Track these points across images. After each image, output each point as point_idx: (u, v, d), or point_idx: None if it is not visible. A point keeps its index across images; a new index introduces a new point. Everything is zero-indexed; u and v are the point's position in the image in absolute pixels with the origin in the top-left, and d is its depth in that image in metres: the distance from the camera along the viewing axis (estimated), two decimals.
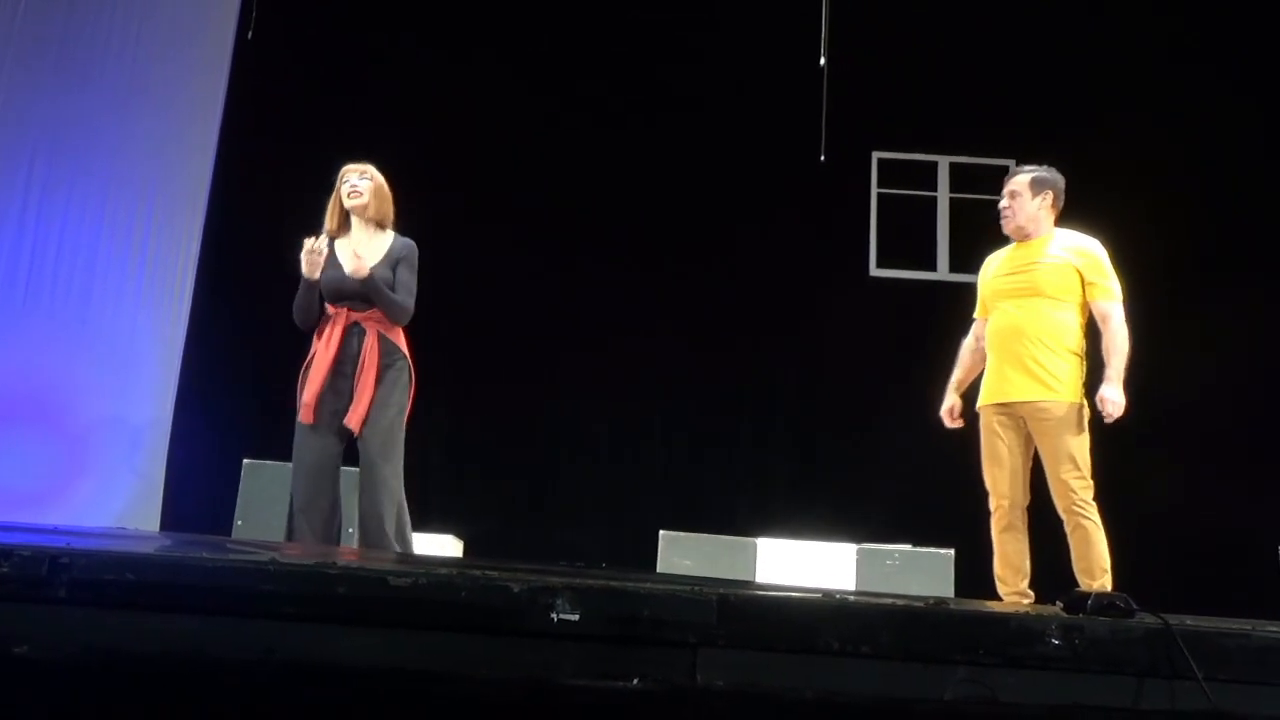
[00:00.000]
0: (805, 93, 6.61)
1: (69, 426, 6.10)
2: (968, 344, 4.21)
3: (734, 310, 7.15)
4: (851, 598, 1.81)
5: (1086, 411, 3.77)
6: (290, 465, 3.84)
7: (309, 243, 3.83)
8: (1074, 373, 3.78)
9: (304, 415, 3.80)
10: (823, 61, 6.07)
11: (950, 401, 4.15)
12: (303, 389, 3.84)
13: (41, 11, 6.21)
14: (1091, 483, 3.72)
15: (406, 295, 3.93)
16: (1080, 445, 3.73)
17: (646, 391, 7.02)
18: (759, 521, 6.50)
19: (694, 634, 1.66)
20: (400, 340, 3.93)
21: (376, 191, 4.01)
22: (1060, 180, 4.06)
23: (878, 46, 7.14)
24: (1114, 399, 3.71)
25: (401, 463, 3.85)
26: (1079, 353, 3.83)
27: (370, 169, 4.06)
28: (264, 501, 4.63)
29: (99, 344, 6.27)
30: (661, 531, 5.83)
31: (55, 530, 2.19)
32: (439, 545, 5.88)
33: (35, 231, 6.13)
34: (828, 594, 1.86)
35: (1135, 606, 1.85)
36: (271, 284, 6.56)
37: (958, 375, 4.18)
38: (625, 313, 7.03)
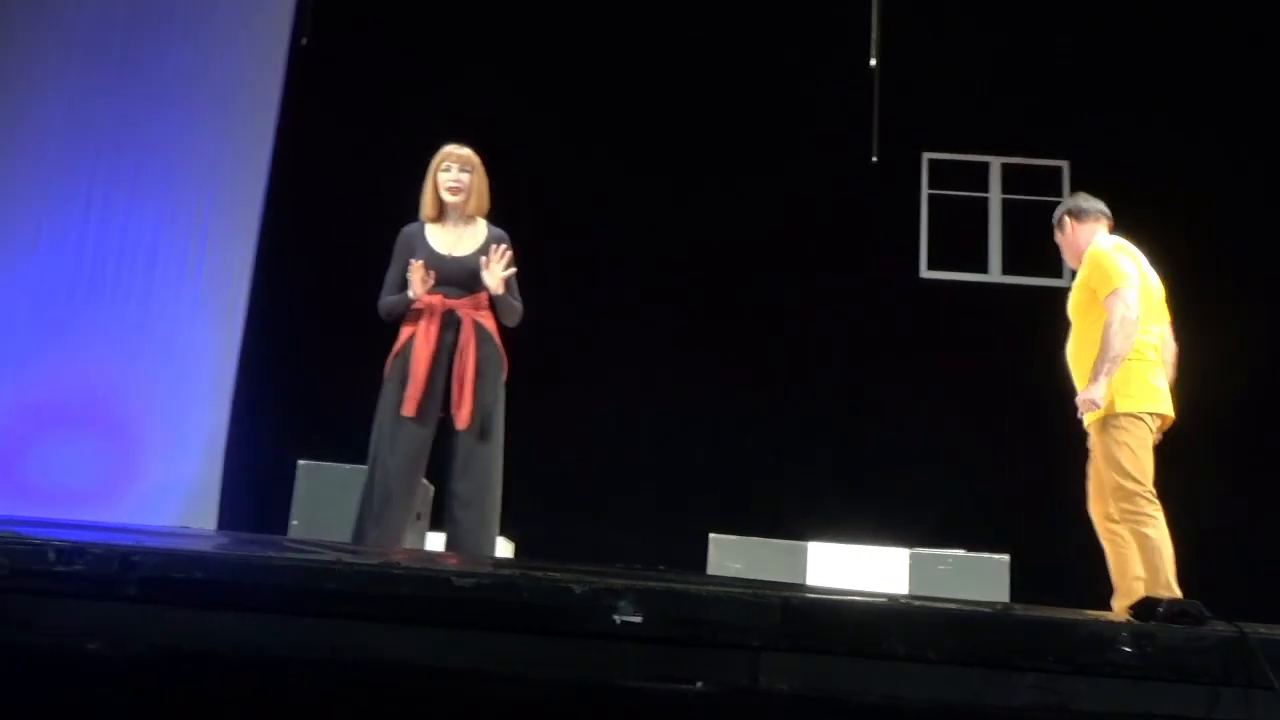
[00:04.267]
0: (856, 94, 6.57)
1: (128, 427, 6.20)
2: None
3: (784, 313, 7.11)
4: (915, 602, 1.78)
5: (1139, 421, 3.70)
6: (350, 466, 3.83)
7: (418, 266, 3.73)
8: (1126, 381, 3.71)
9: (407, 408, 3.71)
10: (873, 62, 6.04)
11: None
12: (397, 381, 3.76)
13: (102, 17, 6.32)
14: (1146, 483, 3.66)
15: (519, 296, 3.92)
16: (1135, 451, 3.68)
17: (696, 394, 7.00)
18: (809, 525, 6.45)
19: (756, 637, 1.65)
20: (491, 325, 3.88)
21: (478, 186, 3.93)
22: (1072, 201, 4.11)
23: (928, 46, 7.08)
24: (1082, 399, 3.72)
25: (502, 448, 3.84)
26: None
27: (472, 159, 3.94)
28: (319, 502, 4.67)
29: (157, 344, 6.36)
30: (711, 535, 5.81)
31: (124, 529, 2.22)
32: None
33: (97, 232, 6.25)
34: (891, 598, 1.84)
35: (1208, 614, 1.81)
36: (324, 286, 6.68)
37: None
38: (675, 315, 7.02)
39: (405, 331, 3.84)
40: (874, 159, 6.48)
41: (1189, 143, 6.77)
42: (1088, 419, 3.80)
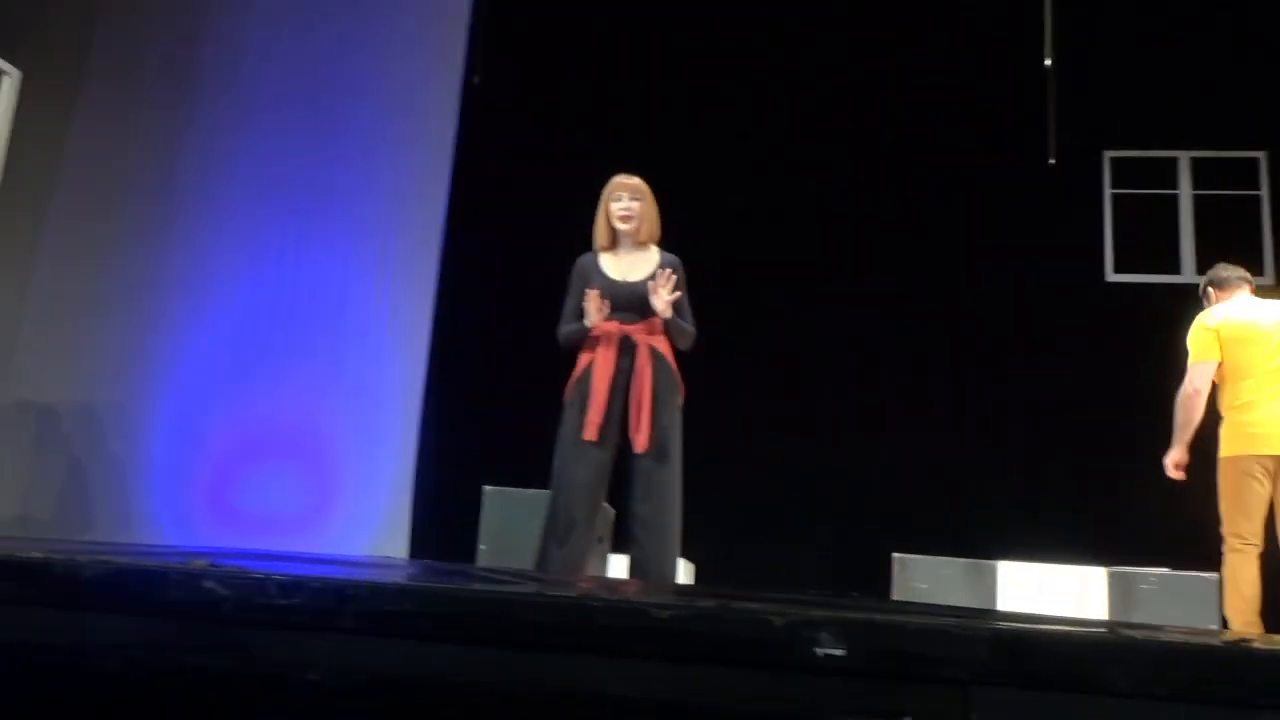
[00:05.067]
0: (1030, 93, 6.35)
1: (324, 457, 6.50)
2: None
3: (963, 322, 6.92)
4: (1139, 633, 1.67)
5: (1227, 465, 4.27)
6: (535, 491, 3.91)
7: (593, 295, 3.83)
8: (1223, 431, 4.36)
9: (589, 433, 3.79)
10: (1048, 60, 5.81)
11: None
12: (577, 406, 3.84)
13: (284, 83, 6.69)
14: (1229, 526, 4.23)
15: (691, 320, 3.96)
16: (1221, 495, 4.29)
17: (873, 408, 6.87)
18: (997, 542, 6.23)
19: (966, 671, 1.57)
20: (666, 349, 3.94)
21: (648, 214, 4.02)
22: (1213, 272, 4.70)
23: (1104, 39, 6.78)
24: (1165, 461, 4.45)
25: (681, 470, 3.87)
26: (1222, 411, 4.41)
27: (641, 187, 4.04)
28: (505, 528, 4.78)
29: (349, 377, 6.65)
30: (895, 554, 5.67)
31: (335, 561, 2.32)
32: None
33: (294, 270, 6.60)
34: (1111, 626, 1.73)
35: None
36: (504, 316, 6.88)
37: None
38: (850, 327, 6.93)
39: (583, 359, 3.91)
40: (1052, 161, 6.22)
41: None
42: None
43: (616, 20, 7.47)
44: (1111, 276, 7.09)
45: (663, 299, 3.82)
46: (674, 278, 3.86)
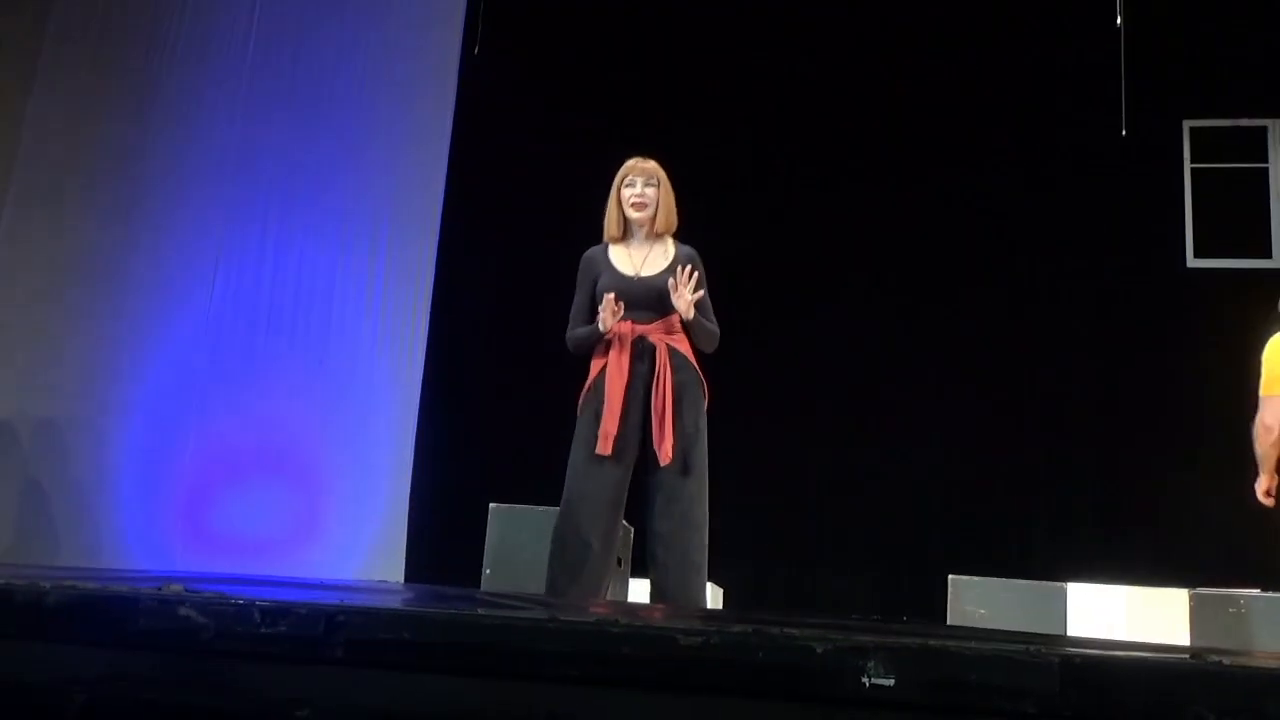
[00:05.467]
0: (1100, 58, 6.32)
1: (311, 472, 6.53)
2: None
3: (1025, 318, 6.90)
4: (1226, 660, 1.66)
5: None
6: (545, 509, 3.91)
7: (609, 300, 3.80)
8: None
9: (603, 446, 3.77)
10: (1119, 20, 5.79)
11: None
12: (590, 417, 3.84)
13: (266, 62, 6.73)
14: None
15: (713, 318, 3.97)
16: None
17: (925, 411, 6.85)
18: (1065, 562, 6.21)
19: (1033, 703, 1.57)
20: (687, 348, 3.93)
21: (664, 201, 4.00)
22: None
23: None
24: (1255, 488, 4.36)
25: (707, 482, 3.87)
26: None
27: (658, 172, 4.02)
28: (512, 548, 4.78)
29: (338, 387, 6.68)
30: (951, 576, 5.65)
31: (324, 585, 2.33)
32: None
33: (275, 268, 6.63)
34: (1195, 653, 1.72)
35: None
36: (507, 316, 6.89)
37: None
38: (898, 323, 6.92)
39: (596, 364, 3.91)
40: (1124, 132, 6.19)
41: None
42: None
43: None
44: (1192, 262, 7.05)
45: (685, 298, 3.81)
46: (697, 274, 3.86)
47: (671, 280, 3.83)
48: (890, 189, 7.12)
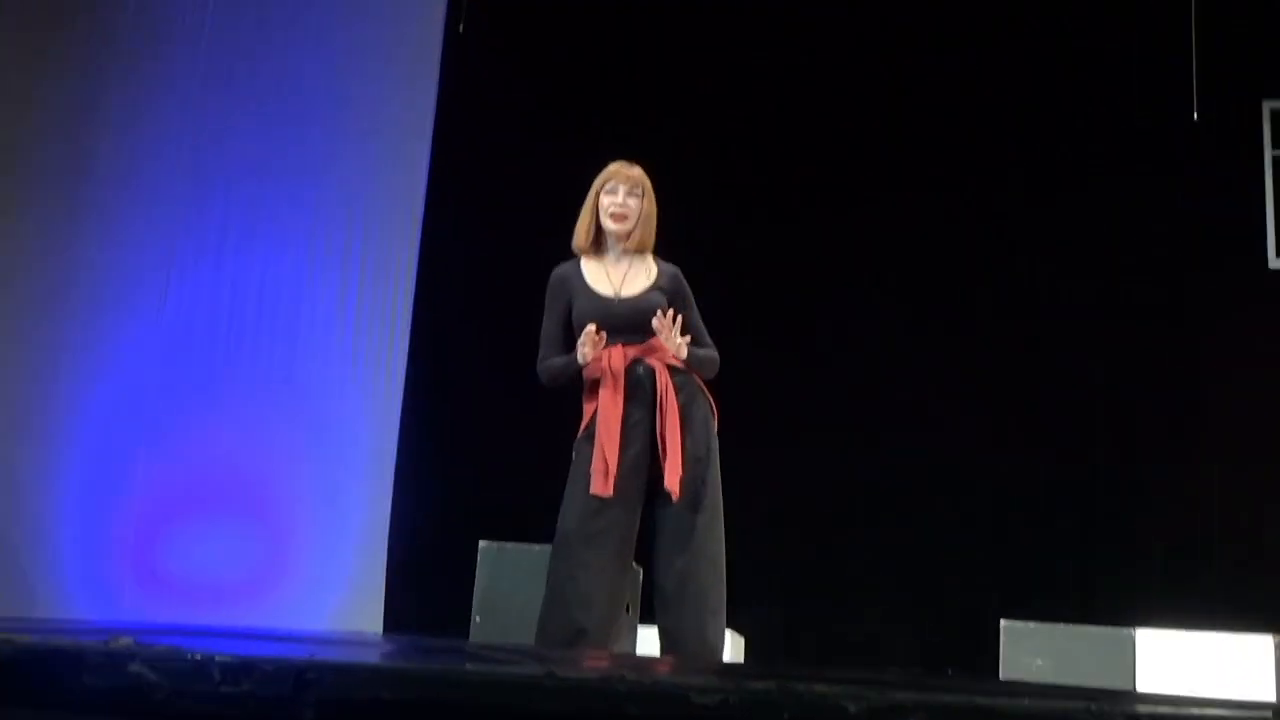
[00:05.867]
0: (1168, 34, 6.33)
1: (277, 505, 6.54)
2: None
3: (1085, 327, 6.89)
4: None
5: None
6: (542, 547, 3.90)
7: (589, 331, 3.81)
8: None
9: (602, 486, 3.76)
10: None
11: None
12: (586, 459, 3.84)
13: (227, 43, 6.75)
14: None
15: (709, 341, 4.02)
16: None
17: (970, 432, 6.85)
18: (1133, 605, 6.20)
19: None
20: (686, 365, 3.95)
21: (646, 214, 4.03)
22: None
23: None
24: None
25: (721, 515, 3.86)
26: None
27: (644, 181, 4.05)
28: (505, 593, 4.78)
29: (307, 410, 6.70)
30: (1003, 621, 5.63)
31: (293, 637, 2.33)
32: None
33: (235, 278, 6.64)
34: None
35: None
36: (498, 334, 6.89)
37: None
38: (946, 335, 6.91)
39: (589, 405, 3.90)
40: (1195, 116, 6.20)
41: None
42: None
43: None
44: (1275, 263, 7.04)
45: (675, 343, 3.81)
46: (679, 316, 3.82)
47: (656, 322, 3.81)
48: (934, 189, 7.12)
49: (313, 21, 7.01)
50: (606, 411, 3.82)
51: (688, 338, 3.86)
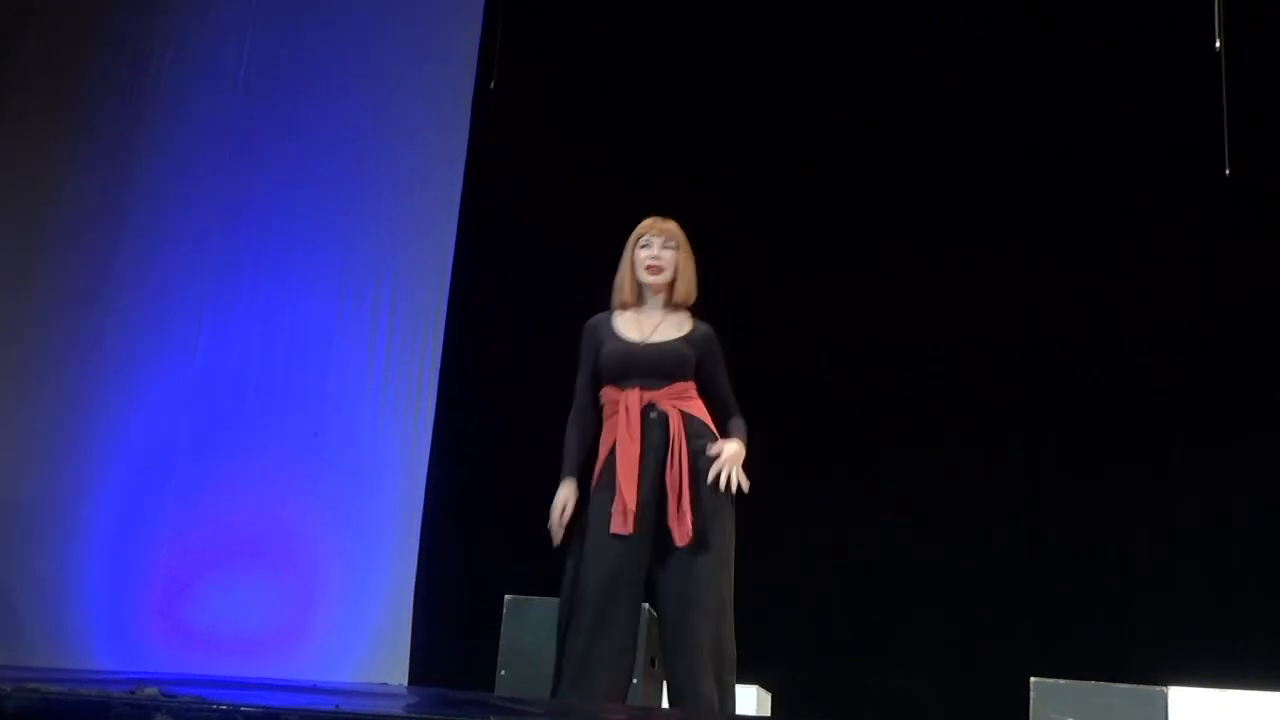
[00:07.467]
0: (1196, 87, 6.32)
1: (301, 560, 6.56)
2: None
3: (1117, 372, 6.86)
4: None
5: None
6: (557, 601, 3.90)
7: (561, 505, 3.94)
8: None
9: (622, 524, 3.77)
10: (1219, 43, 5.80)
11: None
12: (606, 495, 3.85)
13: (259, 100, 6.86)
14: None
15: (734, 405, 4.05)
16: None
17: (1002, 482, 6.81)
18: (1167, 662, 6.13)
19: None
20: (703, 412, 3.98)
21: (684, 267, 4.06)
22: None
23: None
24: None
25: (731, 561, 3.87)
26: None
27: (678, 234, 4.08)
28: (531, 646, 4.79)
29: (335, 462, 6.73)
30: (1033, 679, 5.60)
31: (318, 689, 2.36)
32: (742, 699, 5.87)
33: (265, 327, 6.70)
34: None
35: None
36: (526, 385, 6.91)
37: None
38: (975, 375, 6.88)
39: (605, 442, 3.93)
40: (1227, 172, 6.17)
41: None
42: None
43: (652, 18, 7.60)
44: None
45: (722, 483, 3.83)
46: (732, 478, 3.84)
47: (713, 475, 3.83)
48: (962, 233, 7.13)
49: (347, 78, 7.11)
50: (624, 448, 3.84)
51: (739, 472, 3.87)
